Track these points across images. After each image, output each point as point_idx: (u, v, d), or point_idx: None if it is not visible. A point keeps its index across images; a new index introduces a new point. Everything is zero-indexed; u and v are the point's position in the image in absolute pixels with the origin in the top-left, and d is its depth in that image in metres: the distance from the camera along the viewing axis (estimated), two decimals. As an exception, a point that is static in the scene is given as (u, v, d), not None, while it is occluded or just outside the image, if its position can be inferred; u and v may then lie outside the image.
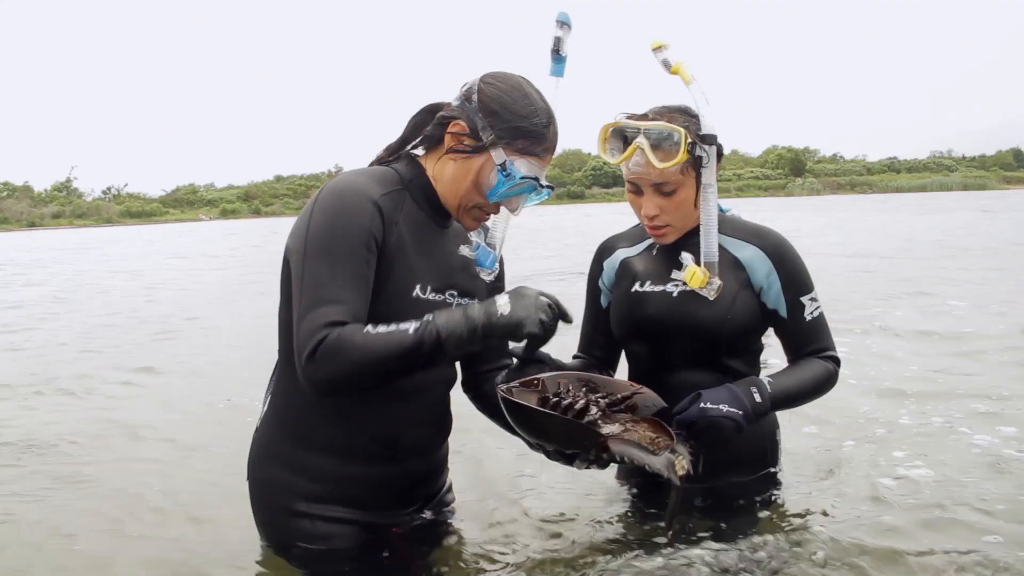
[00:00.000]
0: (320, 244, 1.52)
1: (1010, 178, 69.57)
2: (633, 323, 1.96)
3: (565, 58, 1.78)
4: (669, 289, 1.92)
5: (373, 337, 1.46)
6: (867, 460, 2.72)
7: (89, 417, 3.92)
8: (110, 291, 10.61)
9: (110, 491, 2.79)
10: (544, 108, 1.65)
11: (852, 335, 5.10)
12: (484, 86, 1.62)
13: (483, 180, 1.62)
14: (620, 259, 2.04)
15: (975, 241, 12.91)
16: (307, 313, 1.48)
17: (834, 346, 1.92)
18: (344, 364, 1.45)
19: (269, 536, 1.76)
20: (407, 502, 1.80)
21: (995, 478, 2.54)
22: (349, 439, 1.67)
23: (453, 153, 1.63)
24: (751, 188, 66.82)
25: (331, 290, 1.49)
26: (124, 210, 61.10)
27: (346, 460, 1.68)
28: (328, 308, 1.47)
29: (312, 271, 1.51)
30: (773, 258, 1.89)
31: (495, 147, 1.60)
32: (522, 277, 11.10)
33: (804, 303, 1.89)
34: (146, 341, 6.24)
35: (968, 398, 3.52)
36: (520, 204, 1.69)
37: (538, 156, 1.64)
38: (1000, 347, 4.67)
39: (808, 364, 1.88)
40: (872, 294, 7.17)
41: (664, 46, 1.82)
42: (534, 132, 1.62)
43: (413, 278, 1.64)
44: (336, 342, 1.45)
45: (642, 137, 1.79)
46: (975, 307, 6.24)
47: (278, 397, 1.74)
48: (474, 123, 1.60)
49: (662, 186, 1.82)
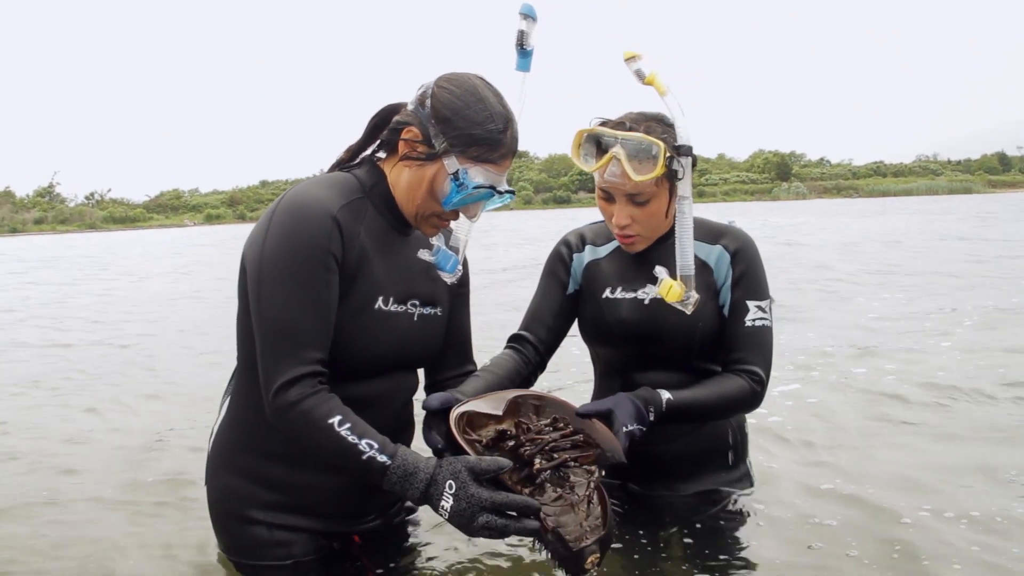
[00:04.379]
0: (278, 268, 1.49)
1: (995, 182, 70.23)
2: (605, 329, 1.96)
3: (531, 52, 1.76)
4: (640, 296, 1.92)
5: (334, 436, 1.46)
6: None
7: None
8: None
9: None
10: (500, 112, 1.58)
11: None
12: (437, 90, 1.57)
13: (437, 188, 1.58)
14: (588, 260, 2.02)
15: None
16: (272, 349, 1.50)
17: (762, 365, 1.86)
18: (303, 435, 1.50)
19: (226, 544, 1.75)
20: (365, 511, 1.78)
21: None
22: (304, 448, 1.61)
23: (407, 160, 1.60)
24: (737, 192, 67.10)
25: (294, 322, 1.49)
26: (108, 215, 60.62)
27: (302, 468, 1.66)
28: (294, 349, 1.48)
29: (272, 298, 1.50)
30: (733, 254, 1.89)
31: (448, 155, 1.55)
32: (501, 268, 11.19)
33: (749, 307, 1.87)
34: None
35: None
36: (478, 211, 1.65)
37: (494, 163, 1.58)
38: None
39: (720, 380, 1.84)
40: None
41: (637, 56, 1.79)
42: (488, 139, 1.56)
43: (375, 290, 1.62)
44: (303, 416, 1.47)
45: (619, 147, 1.77)
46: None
47: (235, 403, 1.72)
48: (427, 130, 1.56)
49: (636, 196, 1.82)
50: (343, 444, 1.46)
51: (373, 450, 1.46)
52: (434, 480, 1.44)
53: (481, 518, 1.39)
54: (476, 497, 1.40)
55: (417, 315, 1.70)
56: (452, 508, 1.41)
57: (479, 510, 1.40)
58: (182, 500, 2.54)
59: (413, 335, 1.70)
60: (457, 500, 1.41)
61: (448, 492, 1.41)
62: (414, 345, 1.71)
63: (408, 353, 1.71)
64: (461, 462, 1.44)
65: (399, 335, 1.66)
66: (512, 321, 2.13)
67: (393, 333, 1.65)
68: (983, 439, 2.95)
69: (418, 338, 1.71)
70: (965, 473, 2.54)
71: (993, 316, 5.77)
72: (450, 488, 1.42)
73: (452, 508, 1.41)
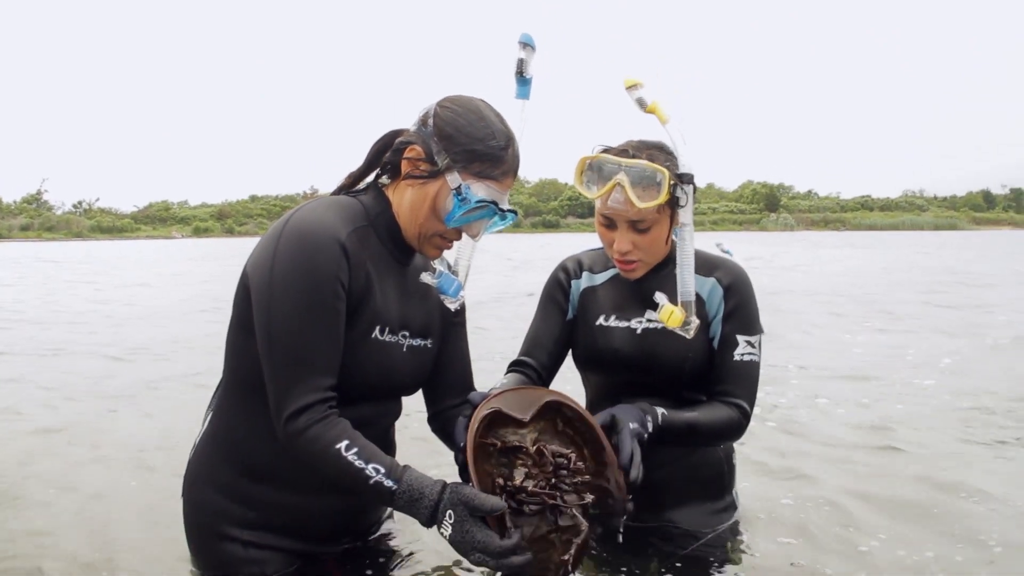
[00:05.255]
0: (288, 293, 1.49)
1: (979, 219, 71.06)
2: (597, 356, 1.97)
3: (530, 80, 1.79)
4: (633, 326, 1.93)
5: (343, 461, 1.48)
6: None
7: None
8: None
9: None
10: (502, 130, 1.60)
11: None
12: (440, 110, 1.59)
13: (440, 205, 1.58)
14: (584, 287, 2.03)
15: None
16: (283, 376, 1.50)
17: (747, 399, 1.88)
18: (314, 460, 1.51)
19: (199, 559, 1.73)
20: (342, 534, 1.79)
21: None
22: (288, 468, 1.64)
23: (410, 179, 1.60)
24: (725, 222, 67.62)
25: (305, 349, 1.50)
26: (95, 225, 60.43)
27: (283, 489, 1.66)
28: (305, 376, 1.50)
29: (282, 325, 1.50)
30: (726, 288, 1.90)
31: (450, 171, 1.56)
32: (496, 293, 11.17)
33: (739, 341, 1.88)
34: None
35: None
36: (481, 230, 1.65)
37: (496, 179, 1.59)
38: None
39: (710, 407, 1.85)
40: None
41: (638, 84, 1.79)
42: (490, 155, 1.57)
43: (375, 320, 1.62)
44: (313, 443, 1.49)
45: (623, 174, 1.77)
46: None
47: (219, 419, 1.71)
48: (429, 147, 1.57)
49: (638, 223, 1.82)
50: (351, 469, 1.48)
51: (380, 475, 1.48)
52: (438, 507, 1.47)
53: (473, 556, 1.45)
54: (470, 535, 1.44)
55: (407, 346, 1.70)
56: (450, 537, 1.46)
57: (471, 549, 1.44)
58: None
59: (402, 366, 1.69)
60: (455, 531, 1.45)
61: (447, 522, 1.45)
62: (402, 376, 1.71)
63: (395, 382, 1.70)
64: (460, 496, 1.46)
65: (388, 365, 1.66)
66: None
67: (383, 363, 1.65)
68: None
69: (407, 369, 1.71)
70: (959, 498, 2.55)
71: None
72: (449, 518, 1.45)
73: (450, 537, 1.46)
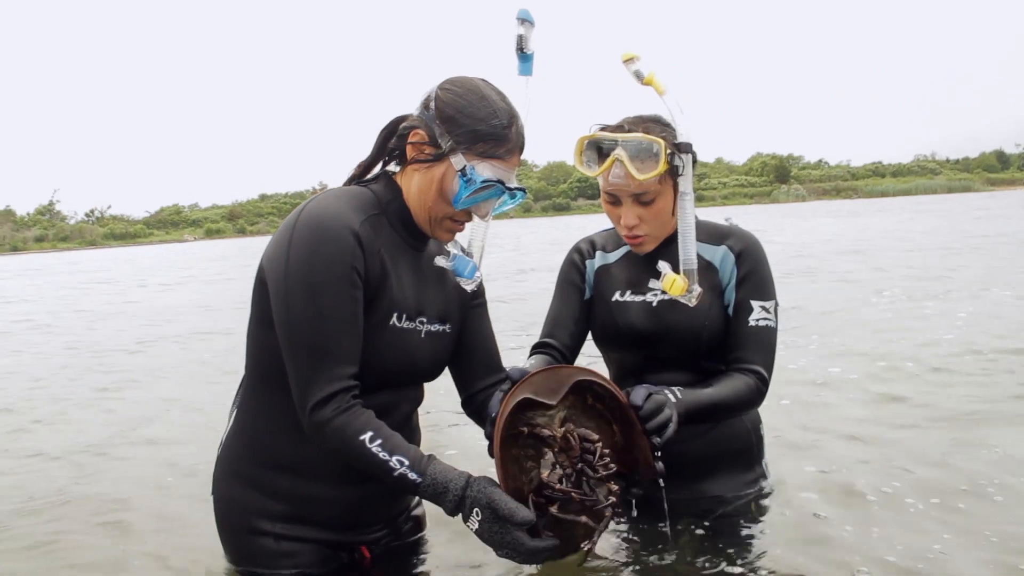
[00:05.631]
0: (304, 285, 1.50)
1: (994, 180, 70.32)
2: (615, 332, 2.00)
3: (531, 55, 1.79)
4: (649, 299, 1.96)
5: (367, 453, 1.50)
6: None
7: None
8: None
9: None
10: (504, 108, 1.60)
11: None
12: (441, 92, 1.59)
13: (447, 188, 1.59)
14: (599, 265, 2.07)
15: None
16: (305, 367, 1.51)
17: (765, 365, 1.88)
18: (339, 450, 1.53)
19: (232, 554, 1.74)
20: (371, 522, 1.79)
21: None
22: (313, 459, 1.66)
23: (416, 164, 1.61)
24: (736, 196, 67.24)
25: (325, 339, 1.51)
26: (108, 232, 60.91)
27: (309, 480, 1.67)
28: (327, 366, 1.51)
29: (301, 316, 1.51)
30: (738, 254, 1.92)
31: (454, 153, 1.57)
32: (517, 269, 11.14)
33: (753, 306, 1.90)
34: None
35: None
36: (490, 210, 1.66)
37: (501, 158, 1.59)
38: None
39: (727, 379, 1.85)
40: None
41: (635, 57, 1.83)
42: (493, 134, 1.57)
43: (392, 307, 1.63)
44: (338, 433, 1.50)
45: (620, 149, 1.81)
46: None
47: (244, 415, 1.72)
48: (432, 131, 1.58)
49: (641, 196, 1.85)
50: (375, 461, 1.50)
51: (404, 467, 1.49)
52: (463, 502, 1.49)
53: (502, 552, 1.48)
54: (498, 536, 1.46)
55: (425, 332, 1.70)
56: (478, 532, 1.48)
57: (499, 547, 1.47)
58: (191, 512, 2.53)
59: (421, 352, 1.70)
60: (482, 529, 1.47)
61: (475, 518, 1.48)
62: (421, 362, 1.71)
63: (415, 369, 1.71)
64: (488, 498, 1.47)
65: (407, 351, 1.67)
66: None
67: (402, 349, 1.65)
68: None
69: (426, 355, 1.71)
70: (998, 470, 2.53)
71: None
72: (476, 515, 1.47)
73: (478, 532, 1.48)
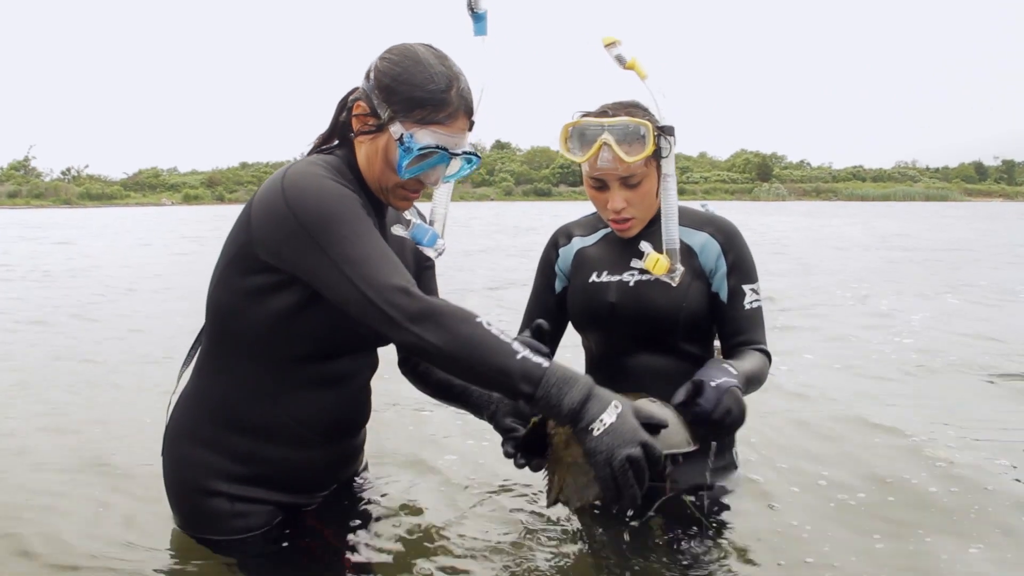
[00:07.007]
0: (324, 217, 1.45)
1: (971, 190, 71.21)
2: (591, 312, 2.00)
3: (484, 14, 1.77)
4: (626, 278, 1.97)
5: (488, 334, 1.37)
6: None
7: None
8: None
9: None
10: (442, 72, 1.58)
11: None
12: (379, 62, 1.59)
13: (391, 158, 1.59)
14: (576, 249, 2.08)
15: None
16: (375, 274, 1.41)
17: (766, 341, 1.96)
18: (448, 327, 1.38)
19: (182, 516, 1.73)
20: (325, 484, 1.81)
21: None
22: (274, 421, 1.66)
23: (361, 135, 1.62)
24: (717, 191, 67.61)
25: (373, 248, 1.44)
26: (84, 192, 60.00)
27: (268, 442, 1.67)
28: (395, 267, 1.43)
29: (342, 247, 1.43)
30: (723, 243, 1.96)
31: (392, 122, 1.56)
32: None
33: (745, 291, 1.94)
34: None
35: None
36: (438, 177, 1.65)
37: (441, 123, 1.57)
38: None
39: (750, 357, 1.87)
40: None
41: (616, 42, 1.84)
42: (431, 100, 1.56)
43: None
44: (452, 315, 1.38)
45: (607, 134, 1.83)
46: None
47: (203, 378, 1.71)
48: (372, 102, 1.58)
49: (628, 179, 1.88)
50: (495, 343, 1.37)
51: (525, 350, 1.37)
52: (596, 396, 1.36)
53: (634, 450, 1.32)
54: (631, 432, 1.34)
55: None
56: (610, 427, 1.33)
57: (632, 442, 1.32)
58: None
59: None
60: (618, 420, 1.34)
61: (613, 409, 1.34)
62: None
63: (368, 333, 1.67)
64: (618, 397, 1.37)
65: None
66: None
67: None
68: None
69: None
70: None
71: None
72: (615, 407, 1.35)
73: (610, 427, 1.33)
